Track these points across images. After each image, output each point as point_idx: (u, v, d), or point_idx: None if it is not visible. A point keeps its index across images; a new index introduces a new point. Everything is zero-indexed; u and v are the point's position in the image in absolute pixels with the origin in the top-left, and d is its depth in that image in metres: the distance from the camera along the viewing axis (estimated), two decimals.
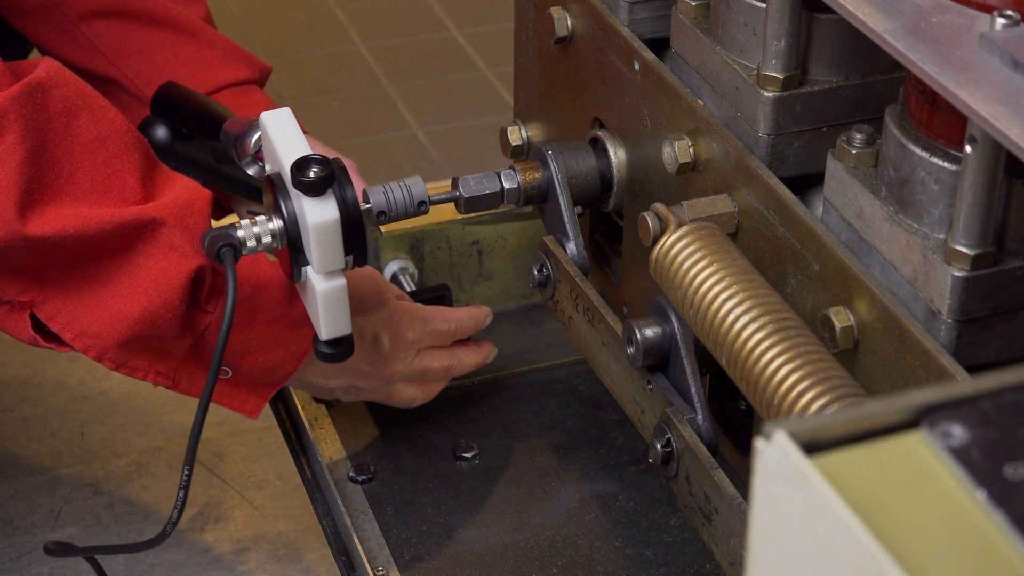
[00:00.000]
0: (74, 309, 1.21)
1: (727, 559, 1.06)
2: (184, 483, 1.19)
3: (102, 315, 1.20)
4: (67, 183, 1.17)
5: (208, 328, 1.24)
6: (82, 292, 1.21)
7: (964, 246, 0.90)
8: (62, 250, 1.18)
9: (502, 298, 1.51)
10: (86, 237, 1.17)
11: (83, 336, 1.21)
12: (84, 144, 1.18)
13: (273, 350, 1.27)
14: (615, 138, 1.23)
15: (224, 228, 1.15)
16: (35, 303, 1.20)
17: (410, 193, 1.20)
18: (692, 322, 1.01)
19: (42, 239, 1.15)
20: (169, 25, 1.48)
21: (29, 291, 1.20)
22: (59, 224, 1.16)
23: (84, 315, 1.21)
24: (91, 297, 1.21)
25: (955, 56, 0.85)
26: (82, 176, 1.17)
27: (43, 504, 1.56)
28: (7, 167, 1.14)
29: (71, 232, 1.16)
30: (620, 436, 1.39)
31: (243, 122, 1.34)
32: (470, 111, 2.26)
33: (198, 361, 1.26)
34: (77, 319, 1.21)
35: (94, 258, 1.19)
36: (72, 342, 1.22)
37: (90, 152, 1.18)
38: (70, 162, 1.17)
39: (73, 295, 1.21)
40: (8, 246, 1.15)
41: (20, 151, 1.14)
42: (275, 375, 1.29)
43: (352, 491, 1.34)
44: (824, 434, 0.62)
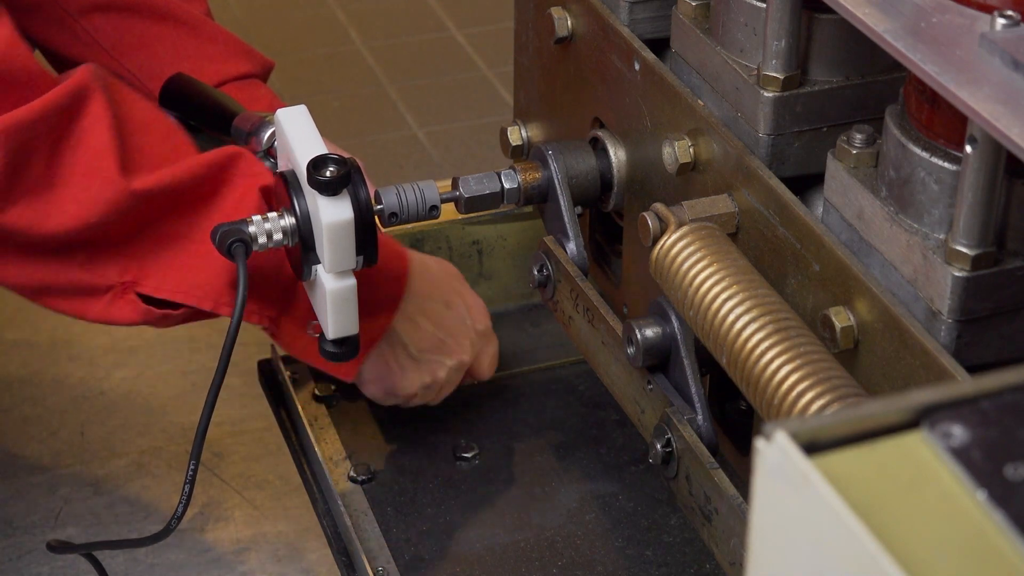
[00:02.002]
0: (178, 269, 1.23)
1: (727, 559, 1.06)
2: (190, 477, 1.20)
3: (206, 262, 1.23)
4: (141, 155, 1.20)
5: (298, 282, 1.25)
6: (180, 249, 1.23)
7: (964, 246, 0.90)
8: (163, 205, 1.20)
9: (502, 298, 1.51)
10: (184, 184, 1.20)
11: (195, 288, 1.23)
12: (141, 123, 1.22)
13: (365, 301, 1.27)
14: (615, 138, 1.23)
15: (235, 223, 1.15)
16: (138, 280, 1.23)
17: (423, 196, 1.21)
18: (692, 322, 1.01)
19: (147, 193, 1.18)
20: (171, 19, 1.48)
21: (128, 270, 1.22)
22: (158, 178, 1.19)
23: (189, 270, 1.23)
24: (190, 252, 1.23)
25: (955, 56, 0.85)
26: (152, 148, 1.21)
27: (43, 504, 1.56)
28: (101, 131, 1.18)
29: (169, 181, 1.19)
30: (620, 436, 1.39)
31: (254, 118, 1.35)
32: (470, 111, 2.26)
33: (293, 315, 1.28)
34: (184, 277, 1.23)
35: (187, 209, 1.22)
36: (185, 300, 1.23)
37: (147, 131, 1.22)
38: (138, 138, 1.21)
39: (172, 257, 1.23)
40: (116, 205, 1.18)
41: (107, 117, 1.18)
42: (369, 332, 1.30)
43: (352, 491, 1.34)
44: (824, 434, 0.62)
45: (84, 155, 1.18)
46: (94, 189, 1.17)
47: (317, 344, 1.27)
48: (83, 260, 1.21)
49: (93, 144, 1.17)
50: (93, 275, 1.22)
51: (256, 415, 1.65)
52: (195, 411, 1.60)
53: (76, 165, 1.18)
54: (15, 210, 1.17)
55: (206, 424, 1.19)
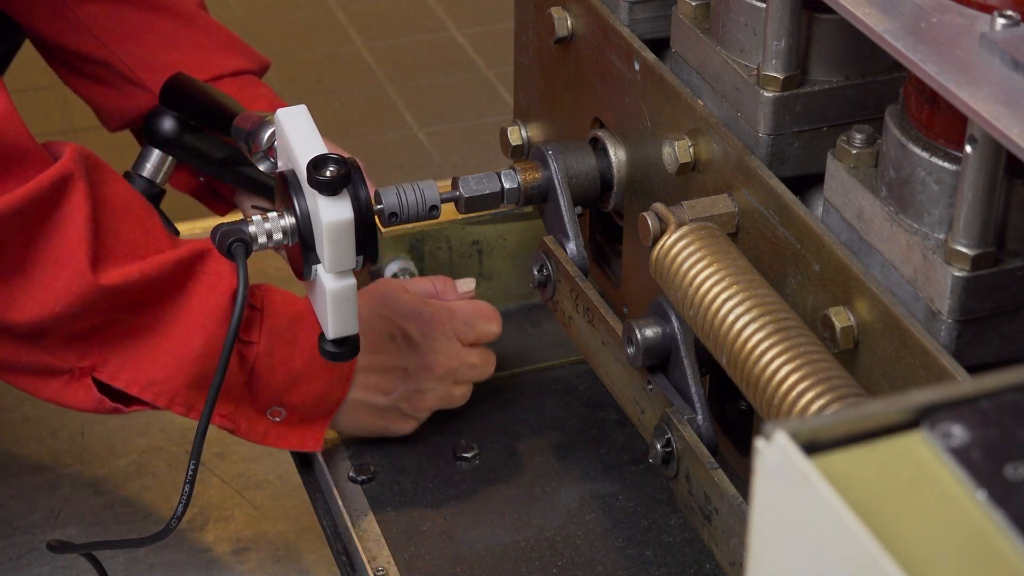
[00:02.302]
0: (137, 361, 1.24)
1: (727, 559, 1.06)
2: (190, 477, 1.20)
3: (166, 360, 1.24)
4: (116, 241, 1.21)
5: (257, 360, 1.26)
6: (142, 343, 1.24)
7: (964, 246, 0.90)
8: (129, 300, 1.21)
9: (502, 298, 1.51)
10: (151, 281, 1.21)
11: (151, 386, 1.24)
12: (117, 209, 1.22)
13: (320, 376, 1.29)
14: (615, 138, 1.23)
15: (235, 223, 1.16)
16: (96, 366, 1.23)
17: (423, 196, 1.21)
18: (692, 322, 1.01)
19: (114, 289, 1.19)
20: (163, 9, 1.48)
21: (88, 355, 1.23)
22: (126, 274, 1.20)
23: (148, 365, 1.24)
24: (152, 345, 1.24)
25: (955, 56, 0.85)
26: (125, 236, 1.22)
27: (43, 504, 1.56)
28: (77, 224, 1.18)
29: (137, 278, 1.20)
30: (620, 436, 1.39)
31: (255, 117, 1.34)
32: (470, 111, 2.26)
33: (253, 402, 1.29)
34: (142, 370, 1.24)
35: (152, 305, 1.23)
36: (141, 394, 1.24)
37: (122, 216, 1.22)
38: (114, 224, 1.21)
39: (133, 348, 1.24)
40: (83, 299, 1.19)
41: (85, 210, 1.18)
42: (327, 402, 1.31)
43: (352, 491, 1.34)
44: (824, 434, 0.62)
45: (57, 246, 1.18)
46: (63, 281, 1.18)
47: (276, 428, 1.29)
48: (46, 344, 1.21)
49: (68, 235, 1.18)
50: (52, 357, 1.22)
51: None
52: None
53: (48, 255, 1.18)
54: None
55: (206, 424, 1.19)
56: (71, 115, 2.30)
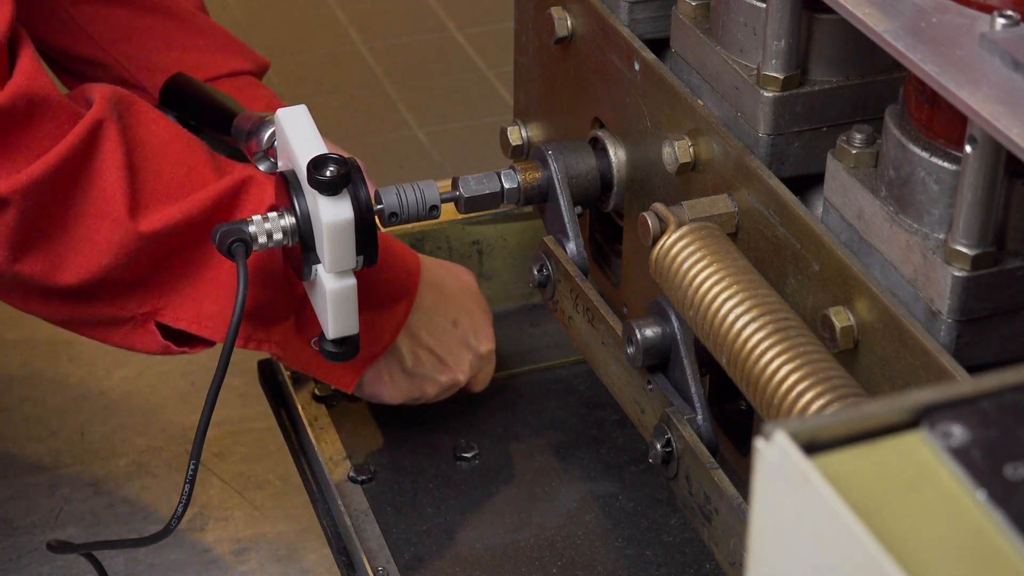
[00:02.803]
0: (194, 299, 1.23)
1: (727, 559, 1.06)
2: (190, 477, 1.20)
3: (219, 292, 1.23)
4: (156, 185, 1.20)
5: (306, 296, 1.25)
6: (196, 280, 1.23)
7: (964, 246, 0.90)
8: (173, 244, 1.20)
9: (502, 298, 1.51)
10: (192, 221, 1.20)
11: (209, 319, 1.23)
12: (155, 149, 1.21)
13: (367, 318, 1.27)
14: (615, 138, 1.23)
15: (235, 223, 1.16)
16: (157, 310, 1.23)
17: (423, 196, 1.21)
18: (692, 322, 1.01)
19: (154, 235, 1.18)
20: (160, 11, 1.48)
21: (148, 301, 1.23)
22: (166, 218, 1.19)
23: (205, 301, 1.23)
24: (206, 282, 1.23)
25: (955, 56, 0.85)
26: (165, 177, 1.21)
27: (43, 504, 1.56)
28: (112, 173, 1.18)
29: (179, 220, 1.19)
30: (620, 436, 1.39)
31: (255, 117, 1.34)
32: (470, 111, 2.26)
33: (300, 330, 1.28)
34: (201, 307, 1.23)
35: (201, 242, 1.22)
36: (201, 332, 1.24)
37: (161, 156, 1.21)
38: (152, 166, 1.21)
39: (189, 287, 1.23)
40: (126, 249, 1.18)
41: (119, 156, 1.18)
42: (373, 347, 1.30)
43: (352, 491, 1.34)
44: (824, 434, 0.62)
45: (95, 198, 1.18)
46: (104, 233, 1.18)
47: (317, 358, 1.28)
48: (102, 296, 1.22)
49: (104, 186, 1.17)
50: (113, 308, 1.22)
51: (256, 415, 1.65)
52: (195, 411, 1.61)
53: (87, 209, 1.18)
54: (29, 259, 1.18)
55: (206, 424, 1.19)
56: None
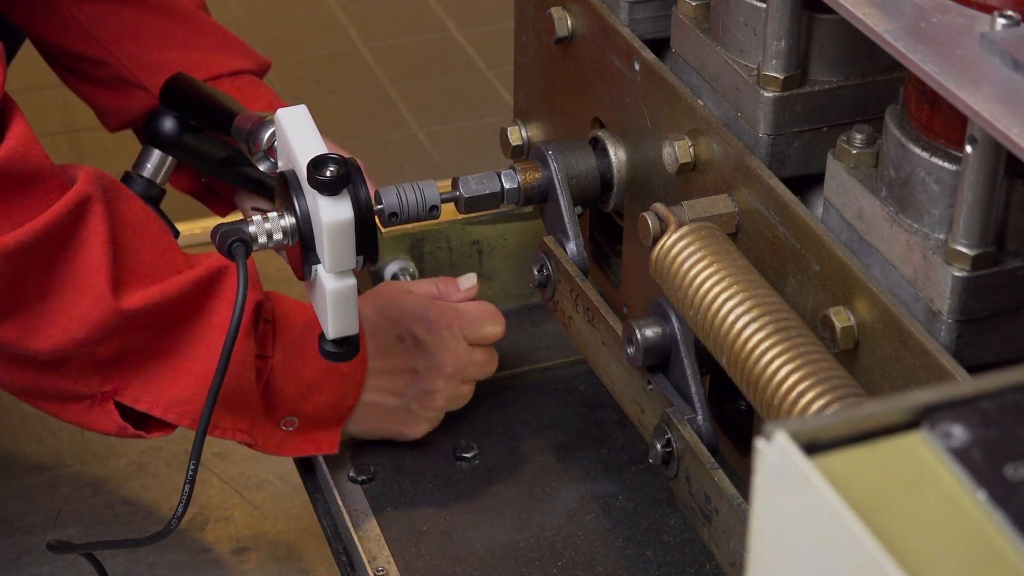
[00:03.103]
0: (159, 383, 1.24)
1: (727, 559, 1.06)
2: (190, 477, 1.20)
3: (188, 380, 1.24)
4: (135, 263, 1.21)
5: (272, 373, 1.26)
6: (164, 364, 1.24)
7: (964, 246, 0.90)
8: (149, 322, 1.21)
9: (502, 298, 1.51)
10: (171, 303, 1.21)
11: (175, 406, 1.24)
12: (135, 229, 1.22)
13: (332, 384, 1.29)
14: (615, 138, 1.23)
15: (235, 223, 1.16)
16: (118, 390, 1.24)
17: (423, 196, 1.21)
18: (692, 322, 1.01)
19: (135, 313, 1.19)
20: (162, 10, 1.48)
21: (110, 380, 1.23)
22: (147, 297, 1.20)
23: (170, 386, 1.24)
24: (174, 367, 1.24)
25: (955, 56, 0.85)
26: (143, 256, 1.21)
27: (43, 504, 1.56)
28: (96, 248, 1.18)
29: (159, 300, 1.20)
30: (620, 436, 1.39)
31: (255, 117, 1.34)
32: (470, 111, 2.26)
33: (269, 415, 1.29)
34: (164, 392, 1.24)
35: (174, 326, 1.23)
36: (164, 415, 1.24)
37: (140, 236, 1.22)
38: (132, 245, 1.21)
39: (154, 371, 1.24)
40: (105, 325, 1.18)
41: (103, 232, 1.18)
42: (340, 409, 1.31)
43: (352, 491, 1.34)
44: (824, 434, 0.62)
45: (77, 272, 1.18)
46: (84, 307, 1.18)
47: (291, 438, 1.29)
48: (68, 370, 1.21)
49: (87, 260, 1.18)
50: (75, 383, 1.22)
51: None
52: None
53: (69, 282, 1.18)
54: (5, 325, 1.18)
55: (206, 424, 1.19)
56: (71, 115, 2.30)
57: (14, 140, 1.15)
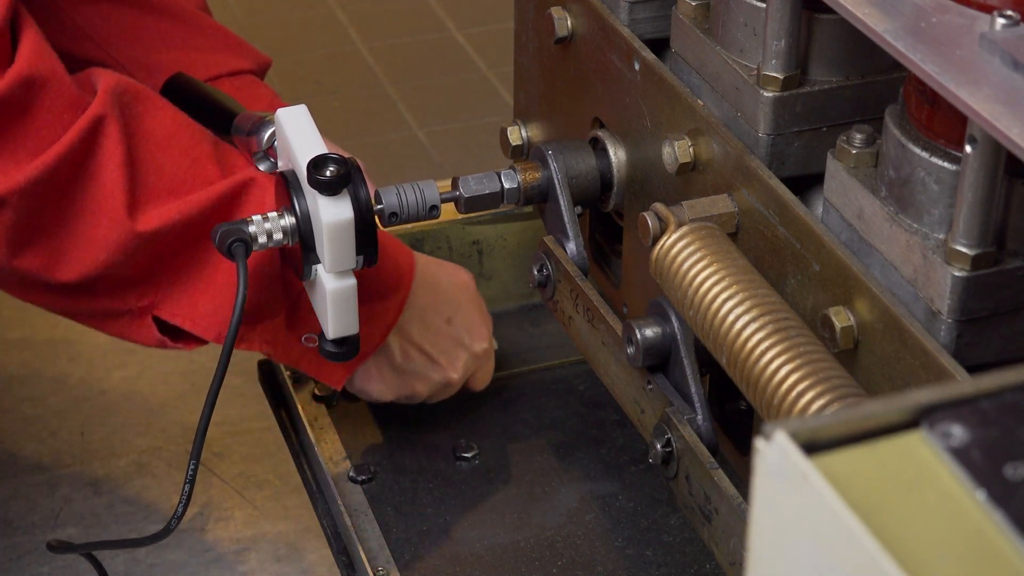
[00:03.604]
0: (191, 297, 1.24)
1: (727, 559, 1.06)
2: (190, 477, 1.20)
3: (215, 292, 1.23)
4: (157, 180, 1.20)
5: (302, 293, 1.25)
6: (194, 279, 1.23)
7: (964, 246, 0.90)
8: (171, 242, 1.20)
9: (502, 298, 1.51)
10: (191, 221, 1.20)
11: (203, 319, 1.24)
12: (159, 142, 1.21)
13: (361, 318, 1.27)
14: (615, 138, 1.23)
15: (235, 223, 1.16)
16: (155, 304, 1.24)
17: (423, 196, 1.21)
18: (692, 322, 1.01)
19: (152, 234, 1.18)
20: (160, 10, 1.48)
21: (147, 295, 1.23)
22: (164, 217, 1.19)
23: (201, 299, 1.24)
24: (204, 281, 1.23)
25: (955, 56, 0.85)
26: (168, 171, 1.20)
27: (43, 504, 1.56)
28: (112, 171, 1.17)
29: (177, 220, 1.19)
30: (620, 436, 1.39)
31: (255, 117, 1.34)
32: (470, 111, 2.26)
33: (292, 328, 1.28)
34: (196, 305, 1.24)
35: (200, 241, 1.22)
36: (194, 329, 1.24)
37: (165, 148, 1.21)
38: (155, 160, 1.20)
39: (187, 285, 1.23)
40: (123, 247, 1.18)
41: (119, 154, 1.17)
42: (364, 345, 1.30)
43: (352, 491, 1.34)
44: (824, 434, 0.62)
45: (93, 197, 1.17)
46: (102, 232, 1.18)
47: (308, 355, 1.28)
48: (101, 290, 1.22)
49: (102, 184, 1.17)
50: (112, 301, 1.22)
51: (256, 415, 1.65)
52: (195, 411, 1.61)
53: (85, 207, 1.18)
54: (28, 255, 1.18)
55: (206, 424, 1.19)
56: None
57: (21, 62, 1.14)
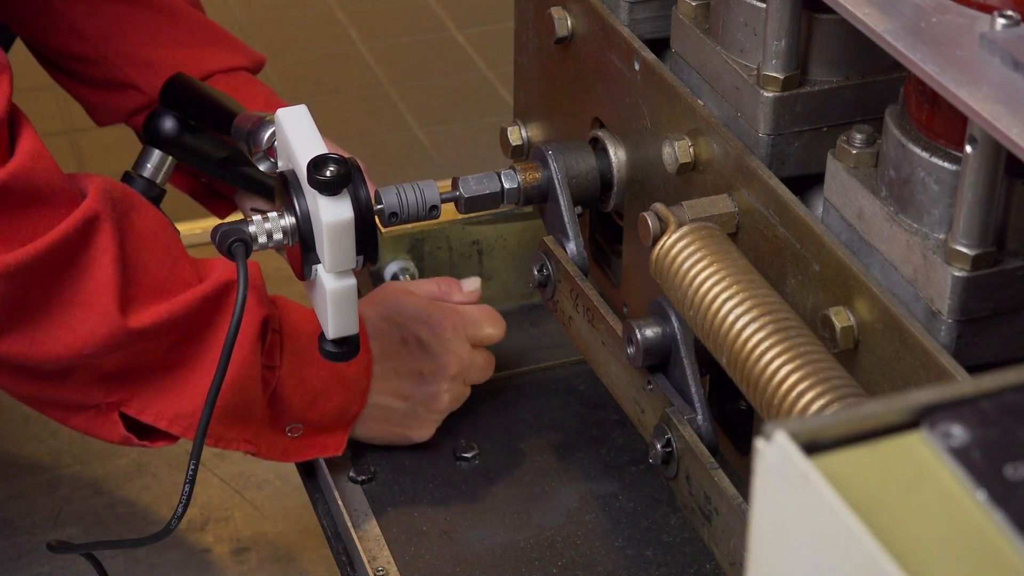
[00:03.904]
0: (164, 396, 1.24)
1: (727, 559, 1.06)
2: (190, 477, 1.20)
3: (193, 394, 1.24)
4: (144, 278, 1.21)
5: (279, 383, 1.26)
6: (171, 378, 1.24)
7: (964, 246, 0.90)
8: (156, 339, 1.21)
9: (502, 298, 1.51)
10: (178, 320, 1.20)
11: (179, 419, 1.24)
12: (144, 240, 1.21)
13: (338, 391, 1.29)
14: (615, 138, 1.23)
15: (235, 223, 1.16)
16: (123, 401, 1.24)
17: (423, 196, 1.21)
18: (692, 322, 1.01)
19: (142, 331, 1.19)
20: (151, 7, 1.48)
21: (115, 392, 1.23)
22: (154, 314, 1.19)
23: (175, 399, 1.24)
24: (179, 380, 1.24)
25: (955, 56, 0.85)
26: (153, 270, 1.21)
27: (43, 504, 1.56)
28: (105, 267, 1.18)
29: (166, 318, 1.20)
30: (620, 436, 1.39)
31: (255, 117, 1.34)
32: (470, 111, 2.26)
33: (274, 424, 1.29)
34: (169, 404, 1.24)
35: (181, 341, 1.23)
36: (168, 428, 1.25)
37: (149, 248, 1.22)
38: (141, 259, 1.21)
39: (162, 384, 1.24)
40: (111, 341, 1.18)
41: (112, 251, 1.18)
42: (346, 415, 1.32)
43: (352, 491, 1.34)
44: (824, 434, 0.62)
45: (84, 289, 1.17)
46: (91, 324, 1.18)
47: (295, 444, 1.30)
48: (73, 381, 1.22)
49: (95, 278, 1.17)
50: (79, 394, 1.22)
51: None
52: None
53: (75, 298, 1.18)
54: (8, 339, 1.18)
55: (206, 424, 1.19)
56: (71, 115, 2.31)
57: (23, 155, 1.15)
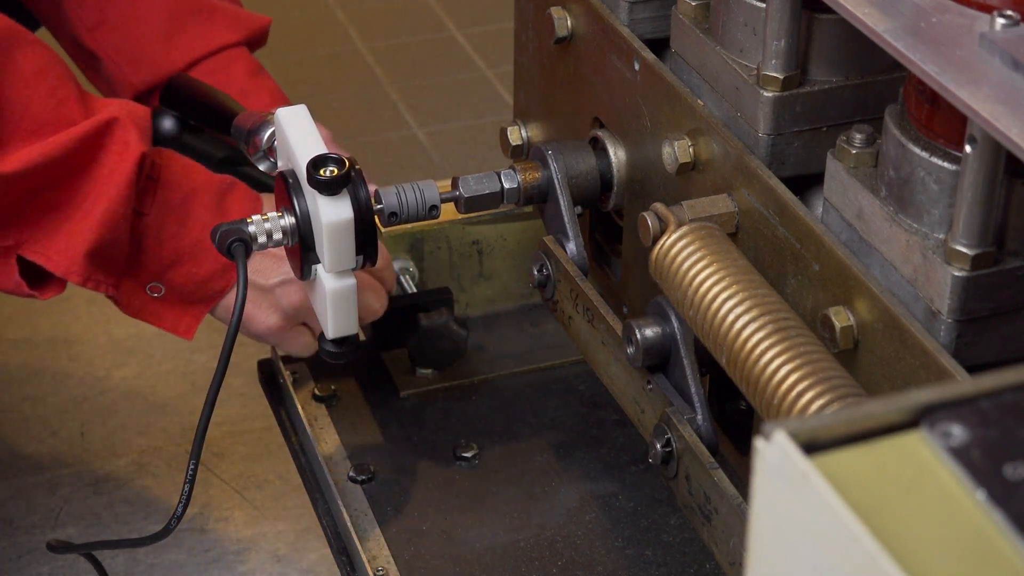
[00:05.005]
0: (49, 234, 1.23)
1: (727, 559, 1.06)
2: (190, 477, 1.20)
3: (71, 229, 1.23)
4: (21, 119, 1.20)
5: (146, 231, 1.25)
6: (53, 216, 1.23)
7: (964, 246, 0.90)
8: (33, 181, 1.20)
9: (502, 298, 1.51)
10: (54, 161, 1.19)
11: (57, 254, 1.23)
12: (26, 79, 1.20)
13: (205, 261, 1.27)
14: (615, 138, 1.23)
15: (235, 223, 1.16)
16: (20, 243, 1.23)
17: (423, 196, 1.21)
18: (692, 322, 1.01)
19: (16, 174, 1.18)
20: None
21: (10, 235, 1.22)
22: (27, 157, 1.19)
23: (58, 236, 1.23)
24: (63, 218, 1.23)
25: (955, 56, 0.85)
26: (33, 109, 1.20)
27: (43, 504, 1.56)
28: None
29: (39, 161, 1.19)
30: (620, 436, 1.39)
31: (255, 117, 1.34)
32: (470, 111, 2.26)
33: (135, 275, 1.27)
34: (53, 241, 1.23)
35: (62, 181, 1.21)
36: (47, 264, 1.23)
37: (32, 86, 1.20)
38: (19, 99, 1.20)
39: (46, 222, 1.23)
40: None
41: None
42: (208, 289, 1.29)
43: (352, 491, 1.34)
44: (824, 434, 0.62)
45: None
46: None
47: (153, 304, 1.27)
48: None
49: None
50: None
51: (256, 415, 1.65)
52: (195, 411, 1.61)
53: None
54: None
55: (206, 424, 1.19)
56: None
57: None
